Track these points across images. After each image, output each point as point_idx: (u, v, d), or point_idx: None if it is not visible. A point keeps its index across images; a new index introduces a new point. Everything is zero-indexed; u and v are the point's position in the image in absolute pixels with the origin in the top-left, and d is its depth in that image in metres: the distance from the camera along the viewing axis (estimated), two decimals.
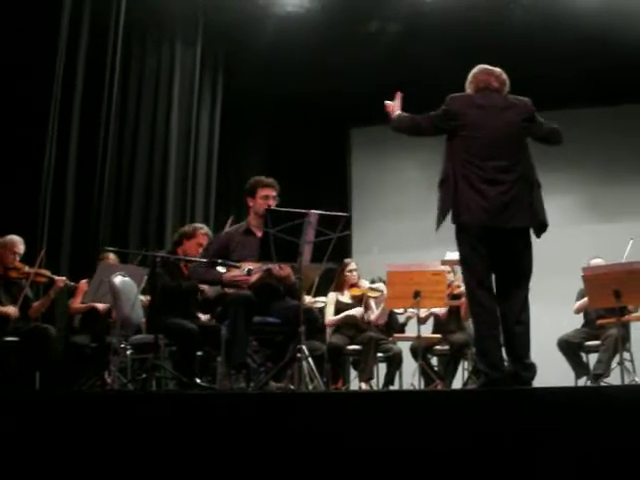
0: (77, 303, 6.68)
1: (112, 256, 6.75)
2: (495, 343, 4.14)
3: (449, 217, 4.24)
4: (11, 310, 5.88)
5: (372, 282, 7.19)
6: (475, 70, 4.49)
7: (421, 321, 6.61)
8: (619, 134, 9.42)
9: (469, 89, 4.47)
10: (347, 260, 7.30)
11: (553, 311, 6.89)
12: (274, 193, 5.31)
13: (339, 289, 7.21)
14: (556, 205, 9.05)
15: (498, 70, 4.46)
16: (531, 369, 4.14)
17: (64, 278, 6.27)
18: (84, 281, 6.58)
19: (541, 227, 4.27)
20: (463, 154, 4.25)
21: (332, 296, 7.18)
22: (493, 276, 4.27)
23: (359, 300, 7.09)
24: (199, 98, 9.12)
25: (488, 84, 4.39)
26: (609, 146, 9.49)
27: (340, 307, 7.10)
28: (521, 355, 4.15)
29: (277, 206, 5.18)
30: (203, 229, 6.03)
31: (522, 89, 4.49)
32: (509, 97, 4.41)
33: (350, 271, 7.15)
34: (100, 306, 6.53)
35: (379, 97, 4.61)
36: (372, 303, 7.12)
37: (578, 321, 7.03)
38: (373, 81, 8.93)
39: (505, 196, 4.16)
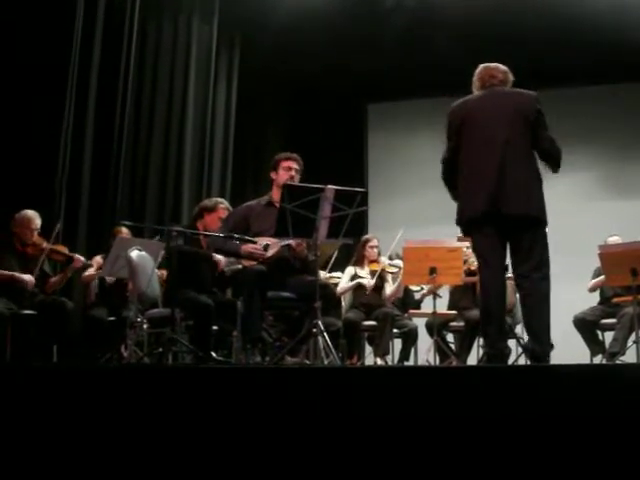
0: (88, 273, 6.70)
1: (125, 230, 6.76)
2: (495, 324, 4.28)
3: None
4: (27, 277, 5.88)
5: (390, 258, 7.19)
6: (477, 70, 4.59)
7: (428, 293, 6.76)
8: (636, 110, 9.35)
9: (474, 88, 4.57)
10: (370, 236, 7.30)
11: (569, 289, 6.85)
12: (297, 166, 5.30)
13: (359, 264, 7.23)
14: (572, 182, 9.06)
15: (496, 64, 4.55)
16: (546, 346, 4.17)
17: (83, 258, 6.22)
18: (99, 257, 6.61)
19: (536, 222, 4.28)
20: (463, 155, 4.39)
21: (350, 269, 7.22)
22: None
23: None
24: (215, 75, 9.09)
25: (492, 76, 4.49)
26: (625, 122, 9.42)
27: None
28: (536, 331, 4.20)
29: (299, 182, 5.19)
30: (223, 203, 6.03)
31: (538, 68, 4.47)
32: (512, 89, 4.50)
33: (372, 247, 7.17)
34: (108, 279, 6.56)
35: (396, 73, 4.61)
36: (389, 278, 7.14)
37: (594, 299, 7.01)
38: (390, 57, 8.89)
39: (499, 184, 4.20)
